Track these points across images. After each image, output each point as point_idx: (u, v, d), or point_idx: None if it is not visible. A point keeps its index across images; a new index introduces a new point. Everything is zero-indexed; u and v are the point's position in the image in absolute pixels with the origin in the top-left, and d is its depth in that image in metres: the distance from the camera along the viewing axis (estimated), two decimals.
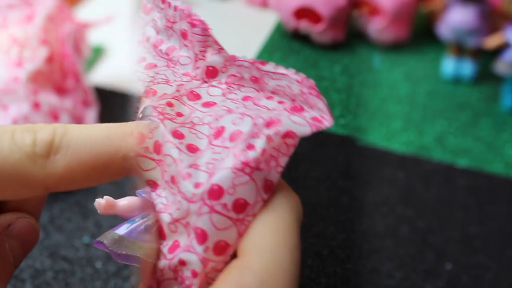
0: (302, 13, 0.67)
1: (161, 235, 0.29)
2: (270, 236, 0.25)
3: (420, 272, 0.41)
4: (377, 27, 0.64)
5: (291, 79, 0.29)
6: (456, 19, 0.59)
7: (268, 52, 0.67)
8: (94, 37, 0.63)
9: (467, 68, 0.61)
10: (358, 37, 0.70)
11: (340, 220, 0.45)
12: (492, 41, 0.57)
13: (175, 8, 0.33)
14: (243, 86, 0.31)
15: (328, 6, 0.65)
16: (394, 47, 0.66)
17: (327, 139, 0.53)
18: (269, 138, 0.26)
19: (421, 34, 0.68)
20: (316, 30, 0.66)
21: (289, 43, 0.69)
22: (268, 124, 0.27)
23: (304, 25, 0.67)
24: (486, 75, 0.62)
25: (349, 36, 0.70)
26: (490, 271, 0.42)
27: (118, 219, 0.28)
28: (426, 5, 0.65)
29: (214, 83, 0.32)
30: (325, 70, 0.64)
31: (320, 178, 0.49)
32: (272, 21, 0.75)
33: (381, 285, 0.40)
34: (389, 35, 0.65)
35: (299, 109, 0.29)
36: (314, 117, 0.29)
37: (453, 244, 0.44)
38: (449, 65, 0.61)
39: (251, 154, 0.26)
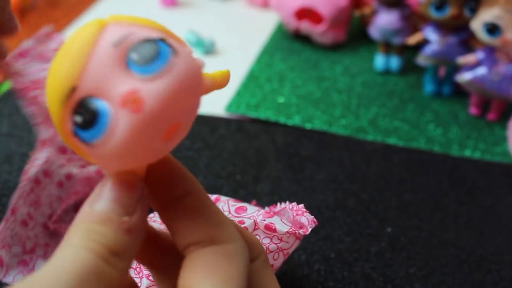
0: (303, 13, 0.62)
1: None
2: (225, 276, 0.20)
3: (365, 236, 0.41)
4: (319, 31, 0.63)
5: (287, 210, 0.32)
6: (383, 22, 0.58)
7: (269, 53, 0.64)
8: None
9: (395, 62, 0.60)
10: (359, 37, 0.66)
11: (347, 222, 0.42)
12: (413, 39, 0.57)
13: None
14: None
15: (329, 6, 0.60)
16: (334, 47, 0.65)
17: (332, 141, 0.50)
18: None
19: (356, 35, 0.67)
20: (317, 31, 0.62)
21: (290, 44, 0.65)
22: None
23: (305, 26, 0.62)
24: (410, 67, 0.61)
25: (350, 37, 0.67)
26: (423, 231, 0.41)
27: None
28: (359, 10, 0.64)
29: None
30: (326, 70, 0.61)
31: (326, 180, 0.46)
32: (273, 21, 0.71)
33: (333, 249, 0.39)
34: (329, 38, 0.63)
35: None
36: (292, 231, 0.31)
37: (392, 211, 0.43)
38: (379, 60, 0.61)
39: None
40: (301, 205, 0.31)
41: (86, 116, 0.17)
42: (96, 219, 0.19)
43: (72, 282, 0.17)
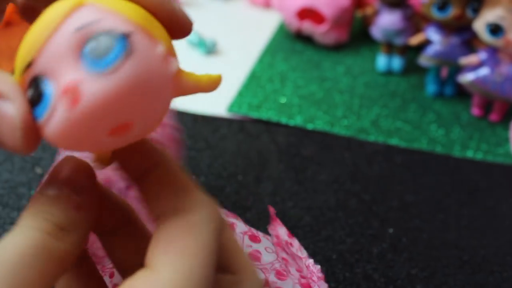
0: (305, 13, 0.61)
1: None
2: (183, 250, 0.19)
3: (367, 236, 0.41)
4: (321, 32, 0.62)
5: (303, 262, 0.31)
6: (385, 22, 0.58)
7: (271, 53, 0.63)
8: None
9: (397, 62, 0.60)
10: (361, 38, 0.66)
11: (349, 223, 0.42)
12: (415, 39, 0.57)
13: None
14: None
15: (331, 7, 0.59)
16: (336, 48, 0.65)
17: (334, 142, 0.50)
18: None
19: (358, 35, 0.67)
20: (319, 31, 0.61)
21: (292, 44, 0.65)
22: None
23: (307, 26, 0.62)
24: (412, 68, 0.61)
25: (352, 37, 0.66)
26: (425, 232, 0.41)
27: None
28: (361, 11, 0.64)
29: None
30: (328, 71, 0.61)
31: (328, 181, 0.45)
32: (275, 21, 0.70)
33: (335, 250, 0.39)
34: (331, 38, 0.63)
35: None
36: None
37: (394, 211, 0.43)
38: (381, 61, 0.61)
39: None
40: (318, 268, 0.31)
41: (33, 93, 0.17)
42: (45, 202, 0.19)
43: (16, 258, 0.18)
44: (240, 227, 0.31)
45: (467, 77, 0.52)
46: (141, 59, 0.17)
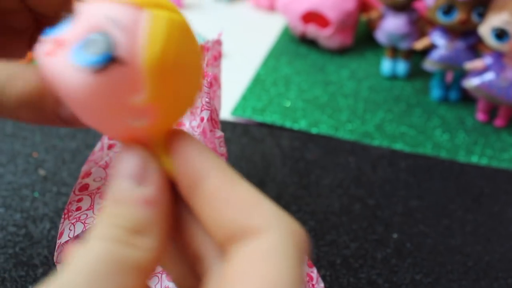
0: (310, 17, 0.61)
1: None
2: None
3: (371, 241, 0.41)
4: (325, 35, 0.63)
5: None
6: (390, 26, 0.58)
7: (275, 56, 0.63)
8: None
9: (401, 66, 0.60)
10: (366, 42, 0.66)
11: (353, 228, 0.42)
12: (420, 43, 0.57)
13: None
14: None
15: (336, 10, 0.59)
16: (341, 51, 0.65)
17: (339, 146, 0.50)
18: None
19: (363, 39, 0.67)
20: (323, 35, 0.61)
21: (296, 47, 0.65)
22: None
23: (312, 29, 0.62)
24: (417, 72, 0.61)
25: (357, 41, 0.66)
26: (429, 238, 0.41)
27: None
28: (366, 14, 0.64)
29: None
30: (332, 74, 0.61)
31: (332, 185, 0.45)
32: (279, 25, 0.70)
33: (339, 255, 0.39)
34: (336, 42, 0.63)
35: None
36: None
37: (398, 217, 0.43)
38: (386, 65, 0.61)
39: None
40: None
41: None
42: (113, 201, 0.18)
43: (87, 280, 0.16)
44: None
45: (472, 82, 0.52)
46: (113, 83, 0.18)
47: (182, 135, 0.20)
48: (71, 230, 0.29)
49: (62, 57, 0.18)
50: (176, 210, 0.20)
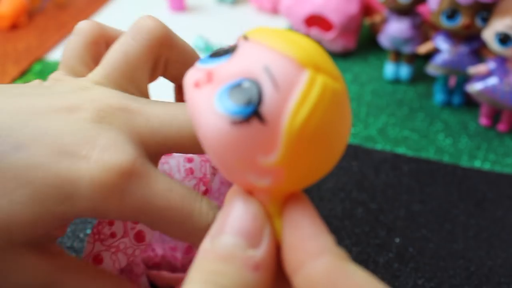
0: (313, 20, 0.61)
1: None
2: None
3: (373, 246, 0.41)
4: (328, 39, 0.63)
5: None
6: (393, 30, 0.58)
7: None
8: None
9: (404, 71, 0.61)
10: (369, 46, 0.66)
11: (355, 232, 0.41)
12: (424, 48, 0.57)
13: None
14: None
15: (339, 14, 0.59)
16: (344, 55, 0.65)
17: None
18: None
19: (366, 43, 0.67)
20: (327, 38, 0.61)
21: None
22: None
23: (315, 33, 0.61)
24: (420, 76, 0.61)
25: (360, 45, 0.66)
26: (432, 242, 0.41)
27: None
28: (369, 18, 0.64)
29: None
30: None
31: (334, 189, 0.45)
32: (282, 28, 0.71)
33: None
34: (339, 45, 0.63)
35: None
36: None
37: (400, 221, 0.43)
38: (389, 69, 0.61)
39: None
40: None
41: None
42: (218, 257, 0.17)
43: None
44: None
45: (475, 87, 0.52)
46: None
47: (299, 202, 0.19)
48: (114, 260, 0.28)
49: (207, 93, 0.17)
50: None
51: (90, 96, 0.24)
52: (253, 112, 0.16)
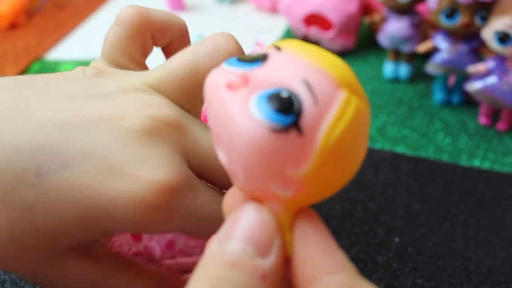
0: (312, 19, 0.61)
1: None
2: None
3: (373, 245, 0.41)
4: (328, 38, 0.63)
5: None
6: (393, 29, 0.58)
7: None
8: None
9: (404, 69, 0.61)
10: (368, 44, 0.66)
11: (354, 232, 0.41)
12: (423, 47, 0.57)
13: None
14: None
15: (338, 13, 0.60)
16: (343, 54, 0.65)
17: None
18: None
19: (365, 42, 0.67)
20: (326, 37, 0.61)
21: None
22: None
23: (314, 32, 0.62)
24: (419, 75, 0.61)
25: (359, 44, 0.66)
26: (431, 242, 0.41)
27: None
28: (368, 17, 0.64)
29: None
30: None
31: None
32: (281, 27, 0.70)
33: None
34: (338, 44, 0.63)
35: None
36: None
37: (400, 220, 0.43)
38: (388, 68, 0.61)
39: None
40: None
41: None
42: (225, 263, 0.16)
43: None
44: None
45: (474, 86, 0.52)
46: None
47: (310, 217, 0.19)
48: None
49: (243, 97, 0.17)
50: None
51: (145, 102, 0.24)
52: (293, 123, 0.17)
